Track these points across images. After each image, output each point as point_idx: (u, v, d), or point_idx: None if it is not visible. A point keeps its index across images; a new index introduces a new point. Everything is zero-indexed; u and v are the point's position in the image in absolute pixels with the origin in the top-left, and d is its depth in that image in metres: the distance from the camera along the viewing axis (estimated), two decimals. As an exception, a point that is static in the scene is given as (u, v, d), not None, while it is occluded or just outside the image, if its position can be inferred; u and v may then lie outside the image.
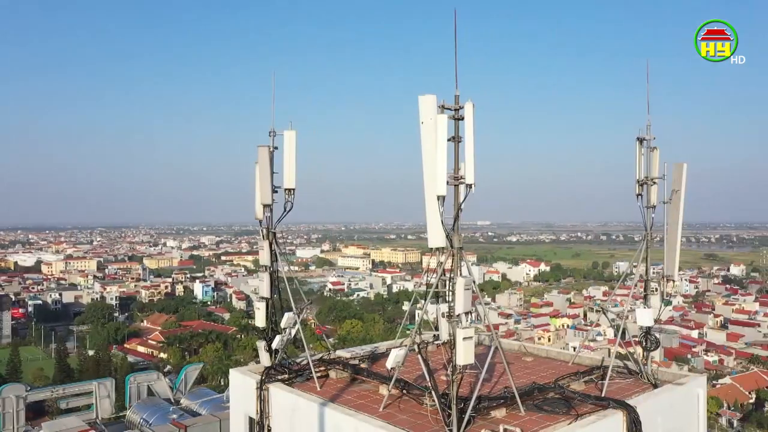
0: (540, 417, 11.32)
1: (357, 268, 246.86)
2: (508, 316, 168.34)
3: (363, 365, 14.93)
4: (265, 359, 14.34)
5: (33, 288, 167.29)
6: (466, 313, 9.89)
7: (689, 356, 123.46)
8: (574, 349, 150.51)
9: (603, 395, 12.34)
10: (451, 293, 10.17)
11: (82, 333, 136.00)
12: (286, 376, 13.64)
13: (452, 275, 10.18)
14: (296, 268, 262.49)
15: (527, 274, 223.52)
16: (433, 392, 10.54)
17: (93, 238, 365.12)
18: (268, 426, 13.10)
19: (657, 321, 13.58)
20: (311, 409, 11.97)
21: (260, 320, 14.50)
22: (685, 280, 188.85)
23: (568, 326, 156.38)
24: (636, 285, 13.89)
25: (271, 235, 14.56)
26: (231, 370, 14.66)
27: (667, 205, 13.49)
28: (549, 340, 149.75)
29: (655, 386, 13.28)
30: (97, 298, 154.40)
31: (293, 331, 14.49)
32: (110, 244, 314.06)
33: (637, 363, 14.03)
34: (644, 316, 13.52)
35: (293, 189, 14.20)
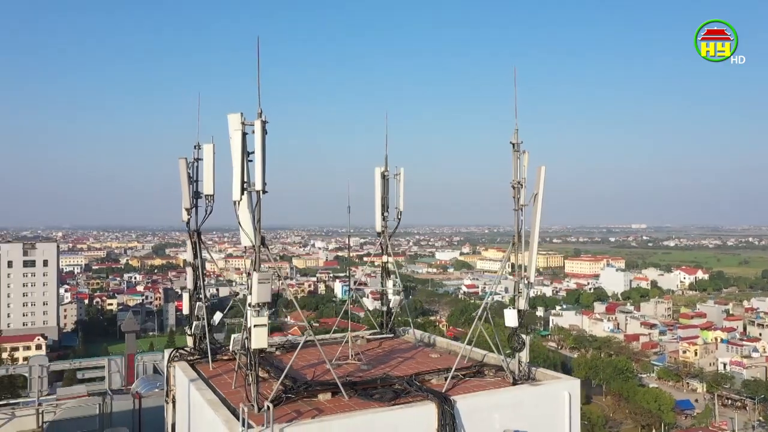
0: (360, 403, 12.26)
1: (495, 272, 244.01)
2: (652, 326, 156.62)
3: (278, 352, 16.83)
4: (189, 341, 16.69)
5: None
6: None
7: None
8: (725, 366, 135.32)
9: (444, 390, 12.86)
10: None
11: (233, 325, 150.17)
12: (195, 357, 15.86)
13: (250, 270, 11.72)
14: (435, 270, 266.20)
15: (681, 281, 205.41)
16: (242, 371, 12.08)
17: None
18: (173, 396, 15.48)
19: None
20: (185, 382, 14.06)
21: (185, 308, 16.94)
22: None
23: (720, 340, 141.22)
24: None
25: (195, 234, 16.89)
26: (165, 351, 17.18)
27: (528, 208, 13.53)
28: (696, 354, 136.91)
29: (514, 386, 13.42)
30: (247, 294, 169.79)
31: (216, 320, 16.75)
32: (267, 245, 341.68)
33: (485, 362, 14.33)
34: (510, 317, 13.68)
35: (212, 195, 16.36)
